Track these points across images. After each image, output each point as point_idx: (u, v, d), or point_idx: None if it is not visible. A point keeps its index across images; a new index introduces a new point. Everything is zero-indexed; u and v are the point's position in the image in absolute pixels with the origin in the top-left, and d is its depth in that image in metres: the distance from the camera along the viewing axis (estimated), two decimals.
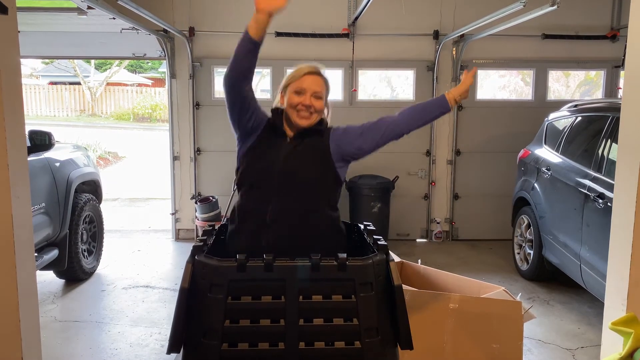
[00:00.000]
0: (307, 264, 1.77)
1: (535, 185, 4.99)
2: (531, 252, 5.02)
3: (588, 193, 3.94)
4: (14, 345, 2.36)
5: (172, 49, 6.32)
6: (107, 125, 21.14)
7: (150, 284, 4.97)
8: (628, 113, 2.46)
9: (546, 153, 5.00)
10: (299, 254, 1.81)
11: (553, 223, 4.57)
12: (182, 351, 1.82)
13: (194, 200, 6.39)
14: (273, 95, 2.27)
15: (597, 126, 4.27)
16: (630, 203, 2.38)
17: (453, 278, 3.31)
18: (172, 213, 6.61)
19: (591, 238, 3.89)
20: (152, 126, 21.55)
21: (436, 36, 6.33)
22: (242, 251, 1.81)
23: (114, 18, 4.85)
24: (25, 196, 2.42)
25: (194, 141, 6.46)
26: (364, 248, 2.12)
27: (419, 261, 3.63)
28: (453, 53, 6.41)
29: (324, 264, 1.78)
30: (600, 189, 3.80)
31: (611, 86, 6.63)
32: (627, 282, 2.40)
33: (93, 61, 22.93)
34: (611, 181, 3.54)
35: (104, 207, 5.64)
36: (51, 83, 24.57)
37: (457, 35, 6.00)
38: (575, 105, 4.93)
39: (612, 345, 2.46)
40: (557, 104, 5.64)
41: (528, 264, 5.08)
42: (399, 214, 6.50)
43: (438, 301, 2.87)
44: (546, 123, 5.27)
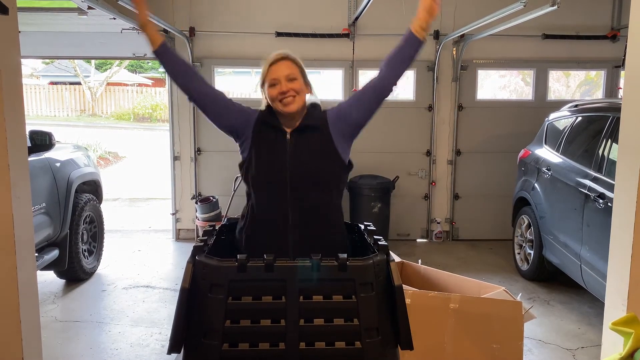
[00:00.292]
0: (309, 264, 1.77)
1: (535, 185, 4.99)
2: (531, 252, 5.02)
3: (588, 193, 3.94)
4: (15, 345, 2.37)
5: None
6: (108, 125, 21.15)
7: (150, 284, 4.97)
8: (628, 113, 2.46)
9: (546, 153, 5.00)
10: (324, 250, 1.82)
11: (553, 223, 4.57)
12: (183, 351, 1.82)
13: (195, 200, 6.39)
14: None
15: (598, 126, 4.27)
16: (630, 203, 2.38)
17: (453, 278, 3.31)
18: (173, 213, 6.61)
19: (591, 238, 3.89)
20: (153, 126, 21.55)
21: (436, 36, 6.33)
22: (268, 251, 1.80)
23: (114, 18, 4.85)
24: (25, 196, 2.42)
25: (195, 141, 6.46)
26: (365, 248, 2.12)
27: (419, 261, 3.63)
28: (453, 53, 6.41)
29: (325, 264, 1.78)
30: (600, 189, 3.80)
31: (611, 86, 6.63)
32: (628, 282, 2.40)
33: (93, 61, 22.93)
34: (611, 181, 3.53)
35: (105, 207, 5.64)
36: (51, 83, 24.57)
37: (458, 35, 6.00)
38: (575, 105, 4.93)
39: (613, 345, 2.46)
40: (558, 104, 5.64)
41: (528, 264, 5.08)
42: (399, 214, 6.50)
43: (438, 301, 2.87)
44: (546, 123, 5.27)
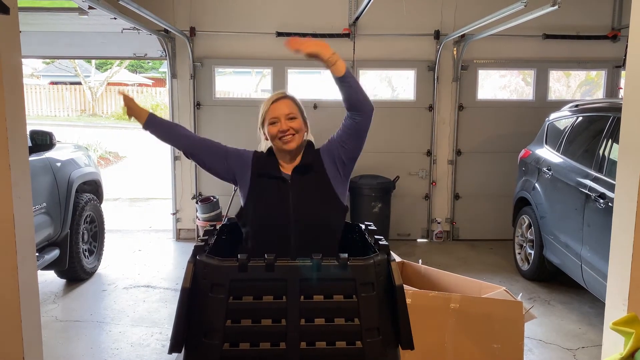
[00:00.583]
0: (309, 264, 1.77)
1: (536, 185, 4.99)
2: (532, 252, 5.01)
3: (589, 193, 3.94)
4: (16, 344, 2.37)
5: (173, 49, 6.32)
6: (108, 125, 21.15)
7: (151, 284, 4.97)
8: (629, 113, 2.46)
9: (547, 153, 4.99)
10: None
11: (554, 223, 4.57)
12: (184, 351, 1.82)
13: (195, 200, 6.39)
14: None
15: (598, 126, 4.27)
16: (631, 203, 2.38)
17: (454, 278, 3.31)
18: (173, 213, 6.61)
19: (592, 238, 3.89)
20: None
21: (437, 36, 6.33)
22: None
23: (115, 18, 4.86)
24: (26, 196, 2.42)
25: None
26: (365, 248, 2.12)
27: (420, 261, 3.63)
28: (454, 53, 6.41)
29: (326, 264, 1.78)
30: (601, 189, 3.80)
31: (612, 86, 6.63)
32: (628, 282, 2.40)
33: (94, 61, 22.94)
34: (612, 181, 3.53)
35: (105, 207, 5.65)
36: (52, 83, 24.59)
37: (458, 35, 6.00)
38: (576, 105, 4.93)
39: (613, 345, 2.46)
40: (558, 104, 5.64)
41: (529, 264, 5.08)
42: (400, 214, 6.50)
43: (439, 301, 2.87)
44: (547, 123, 5.27)
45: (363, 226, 2.26)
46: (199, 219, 6.27)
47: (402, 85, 6.88)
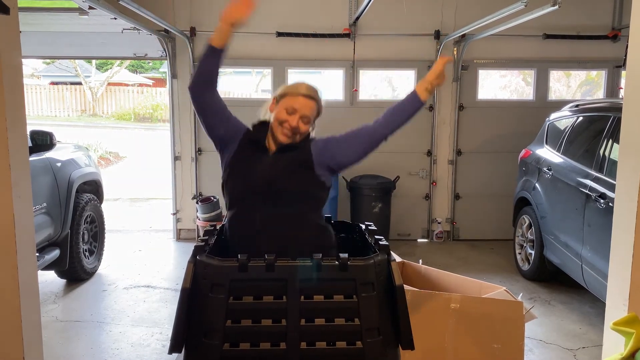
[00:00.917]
0: (309, 264, 1.77)
1: (536, 185, 4.99)
2: (532, 252, 5.01)
3: (589, 193, 3.94)
4: (16, 345, 2.37)
5: (173, 49, 6.32)
6: (108, 125, 21.14)
7: (151, 284, 4.97)
8: (629, 113, 2.46)
9: (547, 153, 4.99)
10: (290, 256, 1.82)
11: (554, 223, 4.57)
12: (184, 351, 1.82)
13: (195, 200, 6.39)
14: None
15: (599, 126, 4.27)
16: (631, 203, 2.38)
17: (454, 278, 3.31)
18: (173, 213, 6.61)
19: (593, 238, 3.88)
20: (153, 126, 21.55)
21: (437, 36, 6.33)
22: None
23: (115, 18, 4.85)
24: (26, 196, 2.42)
25: (195, 141, 6.46)
26: (366, 248, 2.12)
27: (420, 261, 3.63)
28: (454, 53, 6.41)
29: (326, 264, 1.78)
30: (601, 189, 3.80)
31: (612, 86, 6.63)
32: (629, 283, 2.39)
33: (94, 61, 22.94)
34: (612, 181, 3.53)
35: (105, 207, 5.64)
36: (52, 83, 24.58)
37: (458, 35, 6.00)
38: (576, 105, 4.93)
39: (614, 345, 2.46)
40: (558, 104, 5.64)
41: (529, 264, 5.08)
42: (400, 214, 6.49)
43: (439, 301, 2.87)
44: (547, 123, 5.27)
45: (363, 226, 2.27)
46: (199, 219, 6.27)
47: (403, 85, 6.88)
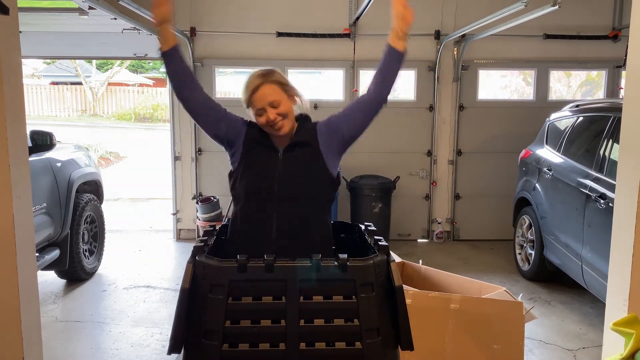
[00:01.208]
0: (309, 265, 1.77)
1: (536, 185, 4.98)
2: (532, 253, 5.01)
3: (589, 193, 3.94)
4: (15, 345, 2.37)
5: None
6: (109, 125, 21.15)
7: (151, 284, 4.97)
8: (629, 113, 2.46)
9: (547, 153, 4.99)
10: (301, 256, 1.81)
11: (554, 223, 4.57)
12: (183, 352, 1.82)
13: (195, 200, 6.39)
14: None
15: (599, 126, 4.26)
16: (631, 203, 2.38)
17: (454, 278, 3.31)
18: (173, 213, 6.61)
19: (593, 238, 3.88)
20: (154, 126, 21.55)
21: (437, 36, 6.33)
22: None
23: (115, 18, 4.85)
24: (26, 196, 2.42)
25: (195, 141, 6.46)
26: (365, 248, 2.12)
27: (420, 261, 3.63)
28: (454, 53, 6.41)
29: (325, 265, 1.77)
30: (601, 190, 3.80)
31: (613, 86, 6.63)
32: (629, 283, 2.39)
33: (94, 61, 22.93)
34: (613, 181, 3.53)
35: (105, 207, 5.64)
36: (52, 83, 24.60)
37: (459, 35, 6.00)
38: (576, 105, 4.93)
39: (614, 346, 2.46)
40: (559, 104, 5.64)
41: (529, 265, 5.08)
42: (400, 214, 6.49)
43: (439, 302, 2.87)
44: (547, 123, 5.27)
45: (363, 227, 2.26)
46: (199, 219, 6.27)
47: (403, 85, 6.87)
